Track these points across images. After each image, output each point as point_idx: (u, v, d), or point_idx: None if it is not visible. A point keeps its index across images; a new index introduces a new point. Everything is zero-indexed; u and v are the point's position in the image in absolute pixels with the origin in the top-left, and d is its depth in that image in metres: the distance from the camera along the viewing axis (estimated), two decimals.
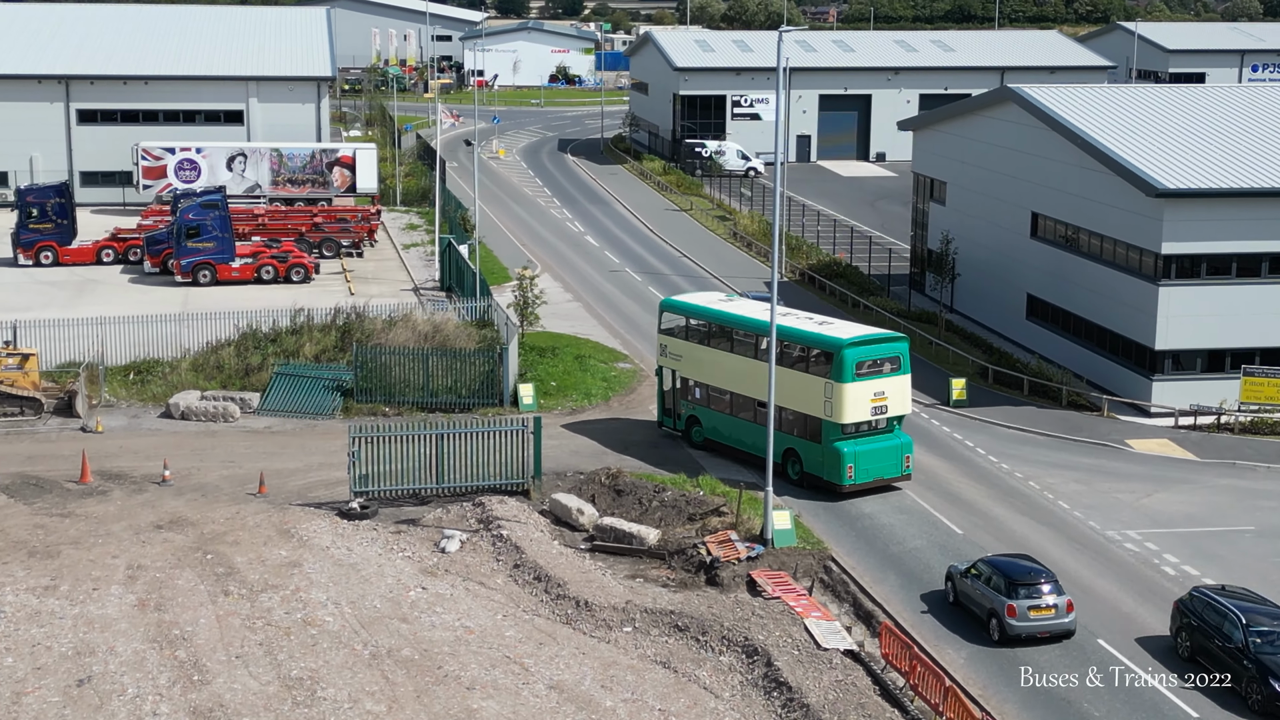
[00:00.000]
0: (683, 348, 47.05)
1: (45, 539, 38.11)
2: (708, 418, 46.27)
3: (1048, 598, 33.13)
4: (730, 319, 45.83)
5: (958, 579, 35.21)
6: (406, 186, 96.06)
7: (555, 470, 43.83)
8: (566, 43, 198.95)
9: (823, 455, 42.02)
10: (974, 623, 34.31)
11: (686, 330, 47.33)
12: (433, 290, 68.16)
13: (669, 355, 47.43)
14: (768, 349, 40.72)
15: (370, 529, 39.64)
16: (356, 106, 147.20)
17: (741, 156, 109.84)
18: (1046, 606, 33.07)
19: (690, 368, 46.73)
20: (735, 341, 45.28)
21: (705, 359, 46.17)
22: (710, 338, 46.31)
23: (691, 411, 46.83)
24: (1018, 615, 32.91)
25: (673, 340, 47.40)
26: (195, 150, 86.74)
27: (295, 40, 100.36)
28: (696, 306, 47.85)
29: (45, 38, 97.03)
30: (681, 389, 47.05)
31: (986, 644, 33.51)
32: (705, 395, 46.23)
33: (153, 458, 44.67)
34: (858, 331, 43.41)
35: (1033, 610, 33.01)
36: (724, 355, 45.43)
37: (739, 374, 44.68)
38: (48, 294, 66.12)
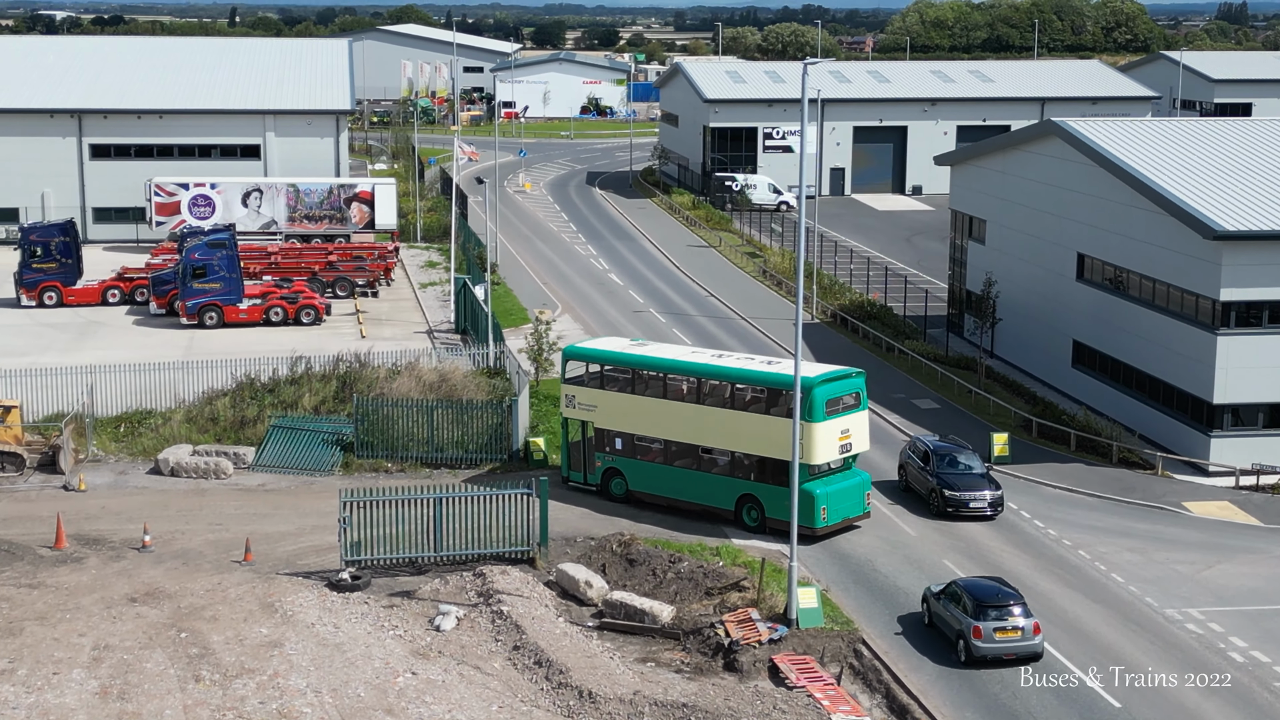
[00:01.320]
0: (598, 397, 44.15)
1: (9, 614, 35.19)
2: (634, 470, 43.50)
3: (1015, 620, 33.31)
4: (665, 364, 43.39)
5: (932, 601, 35.31)
6: (428, 222, 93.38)
7: (564, 535, 40.67)
8: (598, 74, 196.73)
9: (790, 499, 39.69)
10: (946, 644, 34.16)
11: (601, 378, 44.44)
12: (447, 333, 65.26)
13: (579, 406, 44.40)
14: (709, 392, 41.51)
15: (361, 602, 36.56)
16: (383, 139, 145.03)
17: (773, 190, 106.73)
18: (1013, 629, 33.23)
19: (608, 418, 43.88)
20: (670, 387, 42.73)
21: (629, 408, 43.45)
22: (635, 384, 43.57)
23: (611, 464, 43.97)
24: (983, 637, 33.10)
25: (583, 390, 44.47)
26: (210, 186, 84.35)
27: (315, 72, 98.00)
28: (614, 353, 44.99)
29: (58, 71, 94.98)
30: (596, 441, 44.14)
31: (954, 665, 33.32)
32: (629, 446, 43.54)
33: (135, 520, 41.76)
34: (820, 369, 41.83)
35: (999, 632, 33.20)
36: (656, 402, 42.82)
37: (677, 421, 42.37)
38: (48, 337, 63.56)
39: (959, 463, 44.05)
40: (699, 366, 42.74)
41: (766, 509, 40.94)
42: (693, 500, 42.32)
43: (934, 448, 44.69)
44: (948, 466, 43.84)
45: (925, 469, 44.11)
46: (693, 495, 42.32)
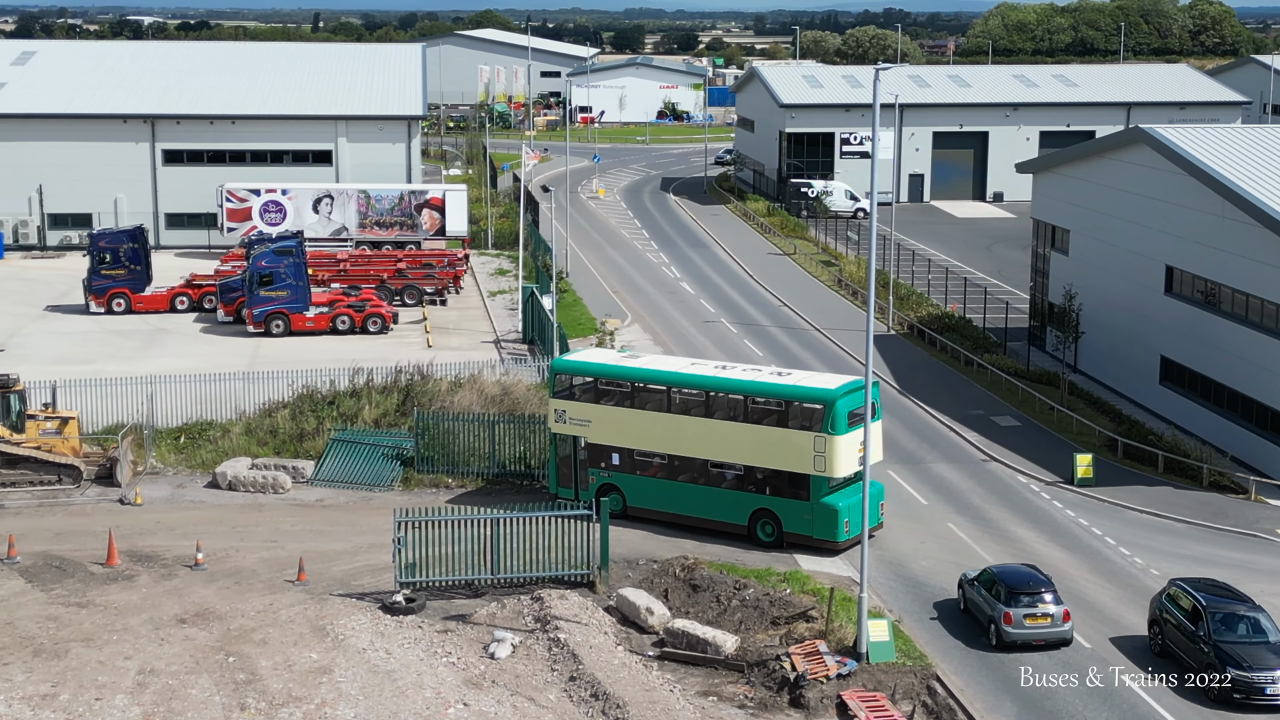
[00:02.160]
0: (591, 411, 42.61)
1: (55, 634, 34.31)
2: (633, 486, 42.09)
3: (1046, 607, 33.95)
4: (671, 378, 42.04)
5: (967, 587, 36.05)
6: (499, 228, 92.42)
7: (625, 557, 39.25)
8: (675, 78, 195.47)
9: (812, 513, 39.50)
10: (973, 627, 35.16)
11: (595, 392, 42.91)
12: (514, 343, 64.12)
13: (570, 421, 42.73)
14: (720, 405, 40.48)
15: (415, 626, 35.34)
16: (458, 144, 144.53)
17: (850, 197, 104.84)
18: (1043, 615, 33.91)
19: (604, 433, 42.37)
20: (676, 400, 41.44)
21: (629, 422, 42.06)
22: (635, 398, 42.02)
23: (607, 480, 42.46)
24: (1013, 622, 33.80)
25: (574, 404, 42.86)
26: (281, 192, 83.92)
27: (387, 78, 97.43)
28: (611, 366, 43.45)
29: (133, 77, 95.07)
30: (590, 456, 42.66)
31: (984, 649, 34.17)
32: (627, 461, 42.12)
33: (190, 536, 40.84)
34: (839, 381, 40.75)
35: (1029, 619, 33.90)
36: (659, 416, 41.52)
37: (683, 435, 41.14)
38: (115, 344, 63.16)
39: (1245, 623, 32.61)
40: (710, 380, 41.49)
41: (784, 523, 39.93)
42: (700, 516, 41.01)
43: (1206, 603, 32.94)
44: (1229, 630, 32.41)
45: (1196, 633, 32.63)
46: (700, 511, 41.03)
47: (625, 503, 41.97)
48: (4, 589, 37.09)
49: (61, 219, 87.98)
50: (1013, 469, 48.42)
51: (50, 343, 63.39)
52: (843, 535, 39.46)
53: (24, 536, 40.68)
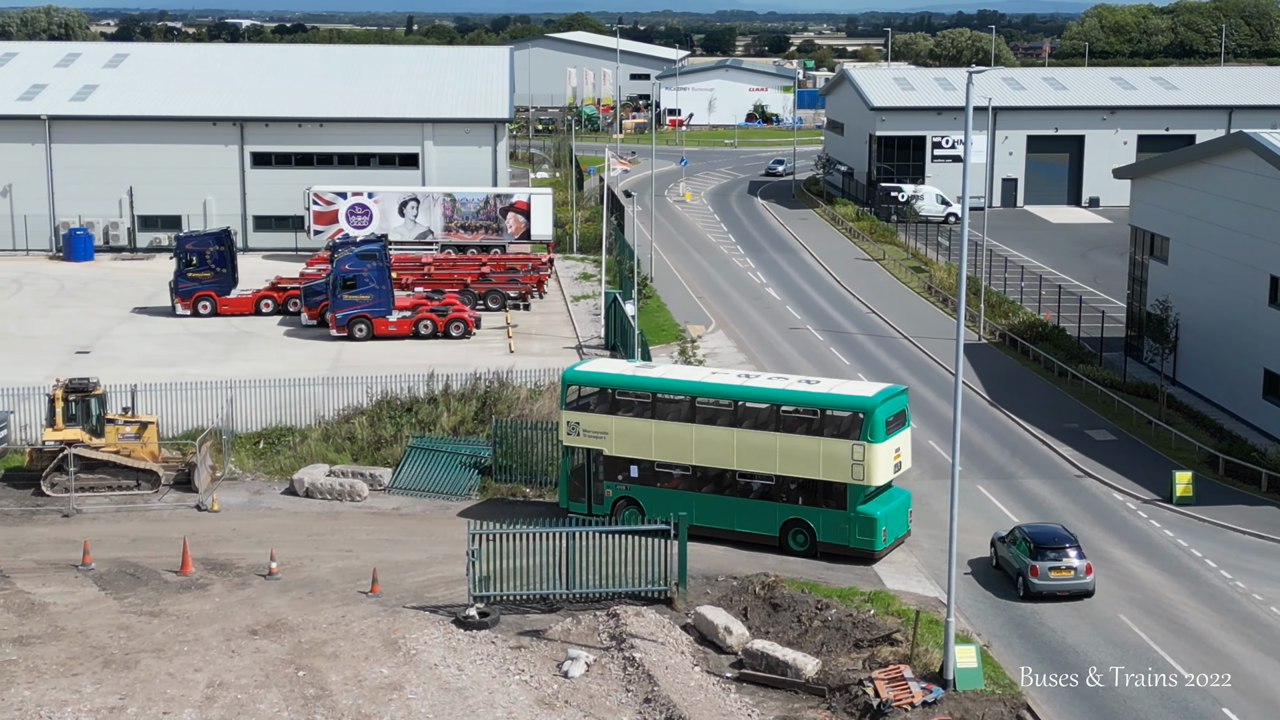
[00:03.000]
0: (608, 423, 41.52)
1: (126, 644, 33.94)
2: (653, 498, 40.95)
3: (1070, 560, 36.96)
4: (696, 388, 41.22)
5: (999, 545, 39.00)
6: (584, 233, 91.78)
7: (705, 572, 38.24)
8: (765, 81, 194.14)
9: (849, 521, 39.01)
10: (1005, 582, 38.12)
11: (611, 403, 41.82)
12: (596, 349, 63.32)
13: (585, 434, 41.63)
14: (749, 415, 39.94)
15: (488, 641, 34.58)
16: (546, 147, 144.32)
17: (940, 201, 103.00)
18: (1066, 568, 36.91)
19: (622, 445, 41.35)
20: (701, 410, 40.64)
21: (649, 433, 41.06)
22: (656, 409, 41.16)
23: (624, 493, 41.45)
24: (1039, 575, 36.82)
25: (589, 416, 41.78)
26: (367, 195, 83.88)
27: (474, 81, 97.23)
28: (629, 377, 42.46)
29: (222, 80, 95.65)
30: (605, 469, 41.60)
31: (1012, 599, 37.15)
32: (647, 474, 41.09)
33: (265, 544, 40.41)
34: (874, 388, 40.71)
35: (1054, 571, 36.86)
36: (684, 427, 40.68)
37: (711, 446, 40.32)
38: (199, 347, 63.22)
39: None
40: (741, 389, 40.84)
41: (820, 533, 39.35)
42: (728, 527, 40.14)
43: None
44: None
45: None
46: (727, 522, 40.10)
47: (644, 517, 40.69)
48: (77, 596, 36.86)
49: (151, 221, 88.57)
50: (1108, 486, 46.77)
51: (135, 345, 63.59)
52: (881, 544, 39.07)
53: (100, 542, 40.50)
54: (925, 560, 39.93)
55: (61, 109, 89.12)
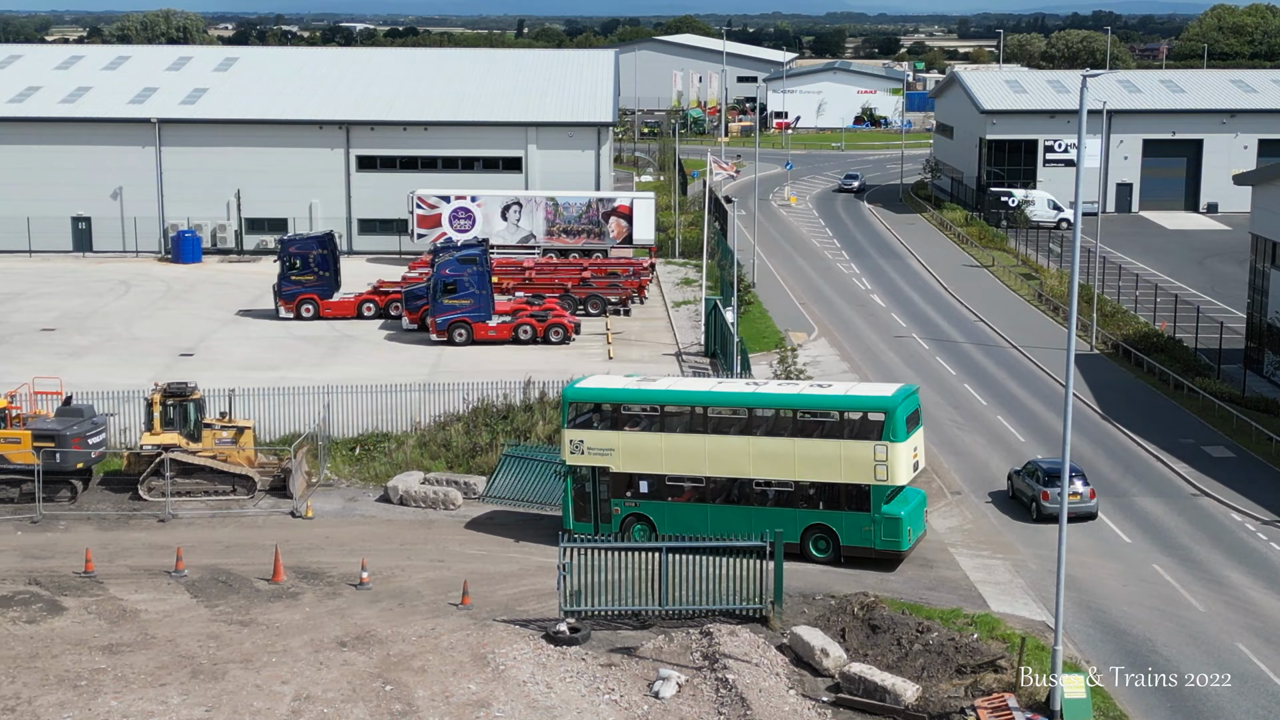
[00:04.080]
0: (614, 439, 40.67)
1: (215, 654, 33.69)
2: (665, 513, 40.16)
3: (1075, 487, 42.21)
4: (705, 398, 40.86)
5: (1015, 478, 45.05)
6: (687, 237, 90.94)
7: (802, 591, 37.20)
8: (874, 83, 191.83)
9: (873, 524, 38.77)
10: (1022, 509, 43.89)
11: (615, 419, 40.97)
12: (697, 355, 62.46)
13: (590, 451, 40.66)
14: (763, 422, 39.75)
15: (578, 658, 33.84)
16: (651, 151, 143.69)
17: (1052, 206, 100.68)
18: (1073, 494, 41.71)
19: (630, 460, 40.45)
20: (714, 420, 40.25)
21: (659, 447, 40.35)
22: (665, 422, 40.54)
23: (634, 510, 40.51)
24: (1049, 499, 42.25)
25: (593, 433, 40.87)
26: (470, 199, 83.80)
27: (579, 84, 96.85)
28: (634, 391, 41.68)
29: (330, 84, 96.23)
30: (613, 487, 40.63)
31: (1027, 520, 43.07)
32: (657, 488, 40.23)
33: (357, 552, 40.10)
34: (891, 389, 40.83)
35: None
36: (695, 439, 40.11)
37: (726, 456, 39.80)
38: (300, 350, 63.38)
39: None
40: (756, 397, 40.64)
41: (843, 537, 39.06)
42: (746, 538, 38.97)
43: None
44: None
45: None
46: (745, 532, 38.52)
47: (655, 533, 39.87)
48: (169, 603, 36.75)
49: (258, 223, 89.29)
50: (1226, 505, 44.90)
51: (238, 348, 63.91)
52: (907, 544, 39.07)
53: (194, 549, 40.44)
54: (1032, 582, 38.54)
55: (171, 112, 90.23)
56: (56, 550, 40.64)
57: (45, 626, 35.03)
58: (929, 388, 58.68)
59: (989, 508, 44.16)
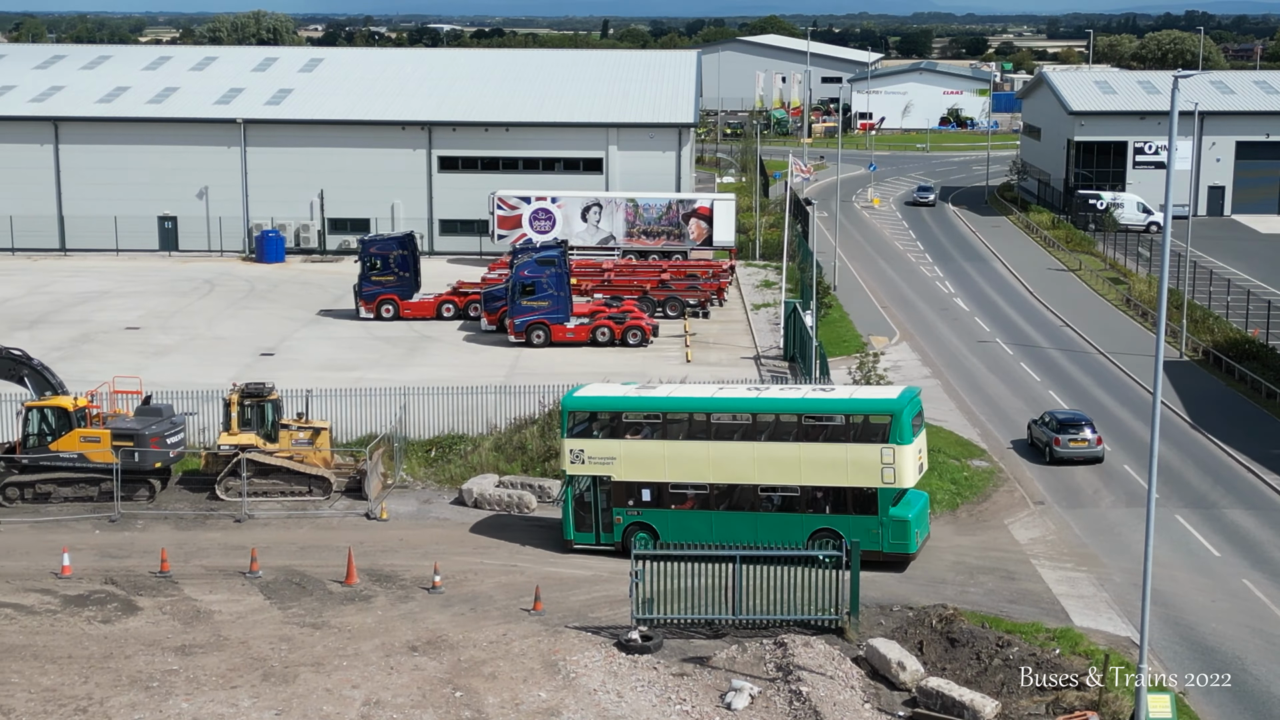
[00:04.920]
0: (616, 448, 40.20)
1: (286, 657, 33.62)
2: (668, 521, 39.93)
3: (1084, 434, 48.48)
4: (709, 404, 40.43)
5: (1033, 426, 50.47)
6: (768, 239, 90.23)
7: (879, 601, 36.52)
8: (960, 84, 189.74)
9: (881, 526, 38.61)
10: (1038, 453, 49.30)
11: (615, 427, 40.50)
12: (775, 359, 61.82)
13: (591, 461, 40.20)
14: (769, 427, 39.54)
15: (650, 667, 33.40)
16: (733, 152, 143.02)
17: (1142, 210, 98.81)
18: (1082, 439, 48.33)
19: (632, 469, 40.08)
20: (718, 427, 39.97)
21: (662, 455, 40.06)
22: (667, 430, 40.31)
23: (636, 519, 40.06)
24: (1061, 445, 48.26)
25: (594, 442, 40.40)
26: (550, 200, 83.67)
27: (660, 85, 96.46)
28: (635, 399, 41.30)
29: (413, 85, 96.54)
30: (614, 495, 40.17)
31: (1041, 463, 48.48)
32: (660, 496, 39.97)
33: (430, 555, 39.94)
34: (894, 391, 40.98)
35: (1072, 442, 48.33)
36: (699, 445, 39.87)
37: (731, 462, 39.59)
38: (379, 351, 63.49)
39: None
40: (760, 402, 40.32)
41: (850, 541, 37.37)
42: (750, 544, 38.36)
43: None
44: None
45: None
46: (748, 539, 38.35)
47: (659, 541, 39.45)
48: (243, 605, 36.78)
49: (341, 224, 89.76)
50: None
51: (318, 348, 64.15)
52: (915, 546, 39.02)
53: (269, 549, 40.49)
54: (1117, 596, 37.55)
55: (257, 113, 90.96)
56: (133, 549, 40.87)
57: (120, 626, 35.18)
58: (1012, 394, 57.70)
59: (1009, 452, 49.72)
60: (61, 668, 32.62)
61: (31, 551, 40.44)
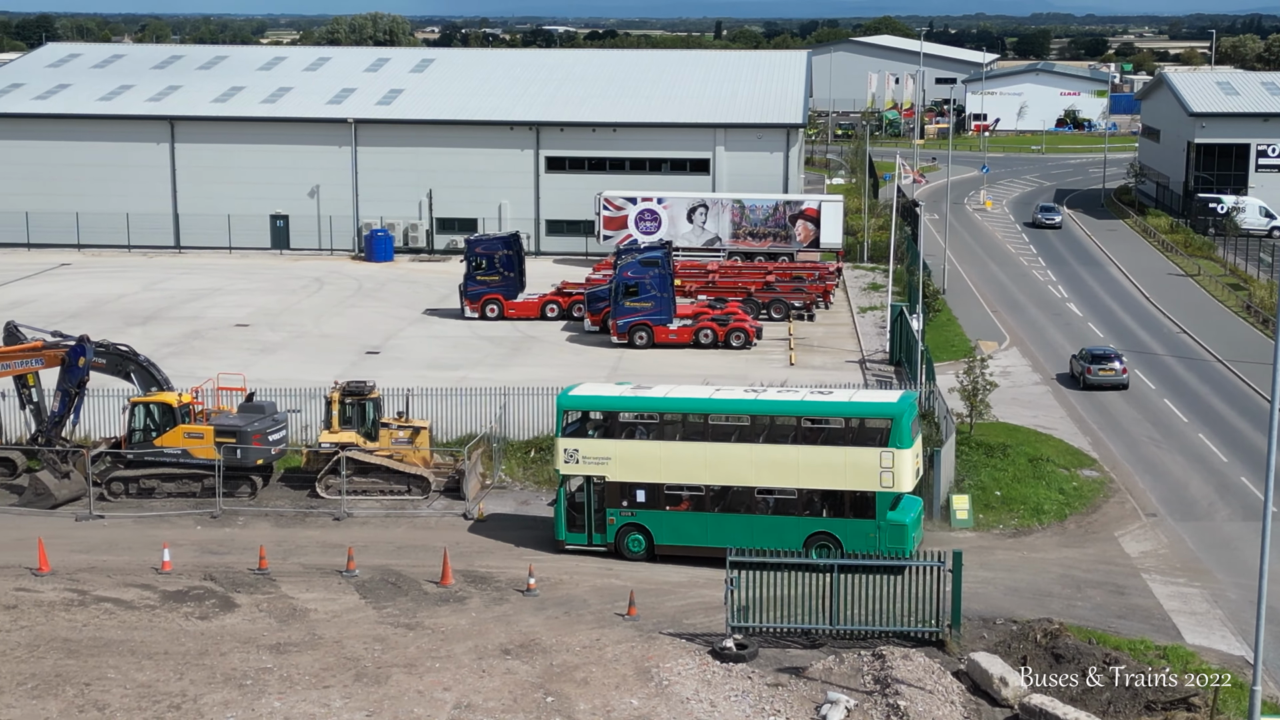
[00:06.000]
0: (610, 448, 40.01)
1: (380, 658, 33.53)
2: (662, 522, 39.85)
3: (1113, 364, 57.82)
4: (706, 405, 40.24)
5: (1073, 361, 59.75)
6: (876, 241, 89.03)
7: (982, 614, 35.59)
8: (1077, 85, 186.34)
9: (878, 530, 38.32)
10: (1074, 381, 58.16)
11: (610, 427, 40.25)
12: (881, 364, 60.84)
13: (585, 460, 39.93)
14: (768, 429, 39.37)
15: (744, 676, 32.80)
16: (843, 153, 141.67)
17: (1264, 214, 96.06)
18: (1110, 369, 57.65)
19: (627, 469, 39.89)
20: (715, 428, 39.89)
21: (657, 456, 39.88)
22: (664, 430, 40.18)
23: (630, 519, 39.76)
24: (1092, 373, 57.56)
25: (588, 442, 40.24)
26: (656, 201, 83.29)
27: (769, 85, 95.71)
28: (631, 399, 41.02)
29: (521, 85, 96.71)
30: (608, 495, 39.87)
31: (1076, 389, 56.74)
32: (655, 497, 39.76)
33: (525, 558, 39.77)
34: (893, 395, 40.65)
35: (1101, 371, 57.66)
36: (696, 446, 39.69)
37: (728, 464, 39.46)
38: (482, 351, 63.55)
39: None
40: (758, 404, 40.00)
41: (846, 544, 38.37)
42: (744, 546, 37.72)
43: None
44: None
45: None
46: (744, 541, 37.79)
47: (653, 542, 39.61)
48: (339, 604, 36.79)
49: (449, 223, 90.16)
50: None
51: (422, 347, 64.37)
52: (911, 550, 38.34)
53: (366, 548, 40.53)
54: (1231, 613, 36.27)
55: (367, 113, 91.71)
56: (234, 546, 41.14)
57: (216, 623, 35.35)
58: (1125, 402, 56.22)
59: (1052, 383, 58.08)
60: (157, 663, 32.84)
61: (134, 546, 40.88)
